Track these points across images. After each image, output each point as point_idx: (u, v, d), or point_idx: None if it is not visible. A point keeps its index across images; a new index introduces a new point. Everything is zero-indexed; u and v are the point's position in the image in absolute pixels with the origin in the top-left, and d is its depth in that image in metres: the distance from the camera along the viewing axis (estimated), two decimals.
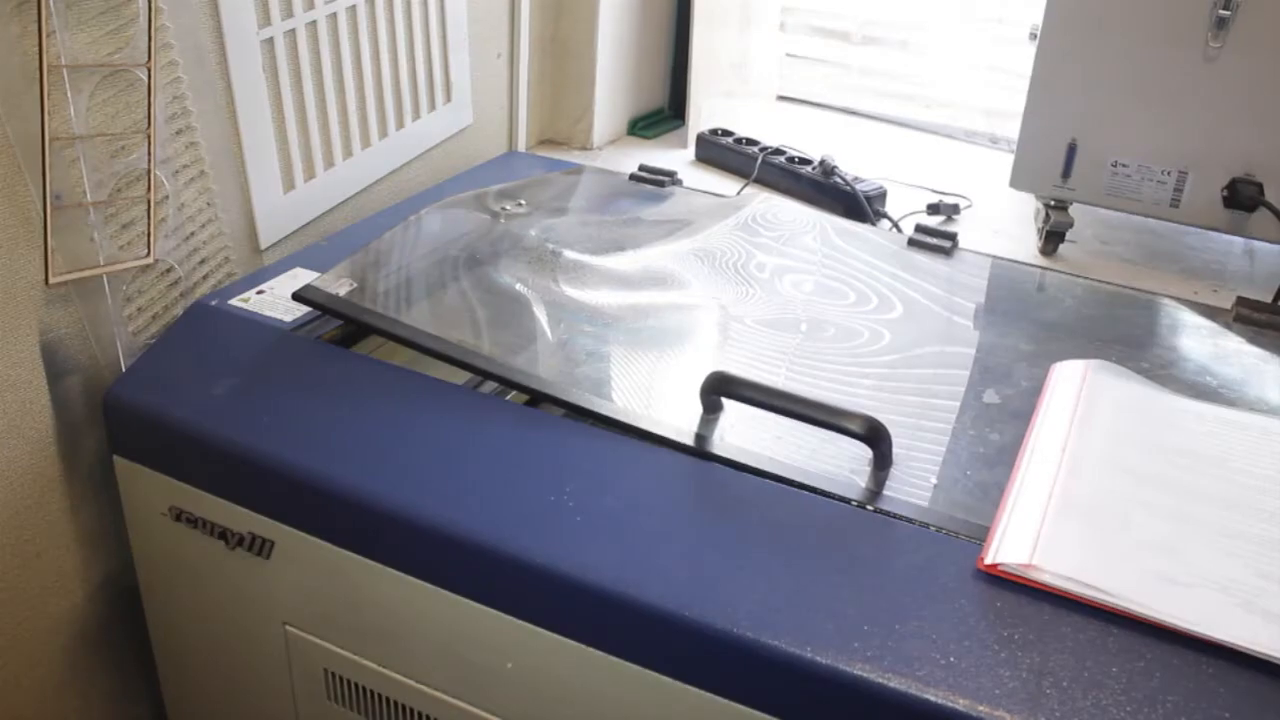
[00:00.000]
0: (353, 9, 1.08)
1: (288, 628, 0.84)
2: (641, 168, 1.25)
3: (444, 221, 1.09)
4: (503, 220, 1.10)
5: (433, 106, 1.24)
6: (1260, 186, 1.14)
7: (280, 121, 1.03)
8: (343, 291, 0.93)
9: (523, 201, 1.14)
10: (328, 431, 0.80)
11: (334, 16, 1.06)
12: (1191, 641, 0.64)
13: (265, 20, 0.99)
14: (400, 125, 1.19)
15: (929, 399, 0.87)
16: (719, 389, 0.78)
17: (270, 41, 1.00)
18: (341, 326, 0.94)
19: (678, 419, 0.81)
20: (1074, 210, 1.25)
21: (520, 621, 0.72)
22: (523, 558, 0.70)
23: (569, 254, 1.04)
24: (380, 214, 1.13)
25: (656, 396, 0.85)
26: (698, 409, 0.81)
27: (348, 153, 1.12)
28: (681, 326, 0.95)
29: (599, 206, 1.17)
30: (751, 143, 1.39)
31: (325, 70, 1.07)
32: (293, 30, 1.02)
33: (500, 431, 0.81)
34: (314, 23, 1.04)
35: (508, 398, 0.92)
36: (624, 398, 0.84)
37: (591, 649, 0.70)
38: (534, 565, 0.70)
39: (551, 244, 1.06)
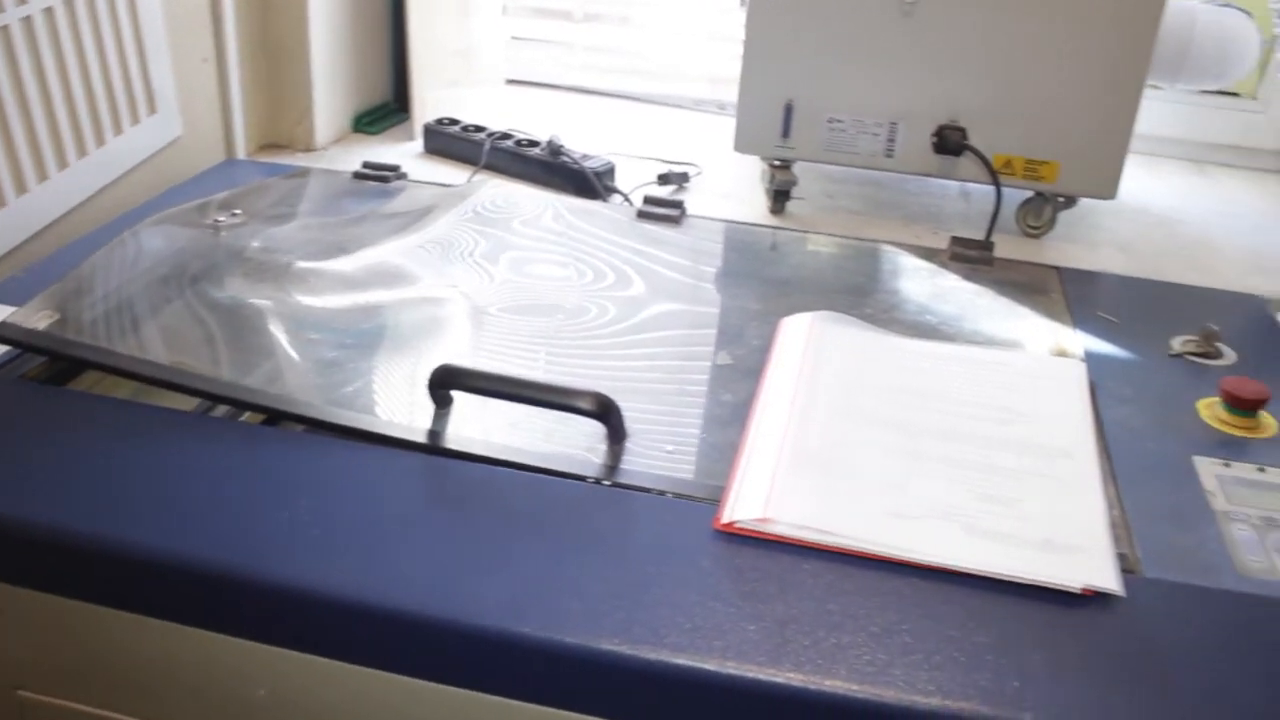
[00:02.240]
0: (28, 20, 1.01)
1: (21, 693, 0.78)
2: (365, 164, 1.22)
3: (154, 239, 1.04)
4: (222, 232, 1.05)
5: (136, 119, 1.17)
6: (964, 131, 1.20)
7: None
8: (43, 325, 0.87)
9: (238, 211, 1.09)
10: (38, 476, 0.75)
11: (6, 29, 0.99)
12: (924, 570, 0.67)
13: None
14: (101, 142, 1.13)
15: (665, 366, 0.88)
16: (445, 382, 0.77)
17: None
18: (48, 363, 0.87)
19: (415, 418, 0.79)
20: (799, 168, 1.29)
21: (267, 646, 0.69)
22: (259, 579, 0.67)
23: (293, 261, 1.01)
24: (85, 238, 1.06)
25: (396, 397, 0.83)
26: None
27: (42, 176, 1.05)
28: (419, 323, 0.93)
29: (323, 209, 1.14)
30: (479, 129, 1.37)
31: (3, 89, 0.99)
32: None
33: (231, 455, 0.77)
34: None
35: (243, 418, 0.88)
36: (361, 403, 0.81)
37: (342, 663, 0.68)
38: (272, 585, 0.67)
39: (274, 252, 1.02)
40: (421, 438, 0.77)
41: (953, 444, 0.77)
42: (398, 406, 0.81)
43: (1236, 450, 0.82)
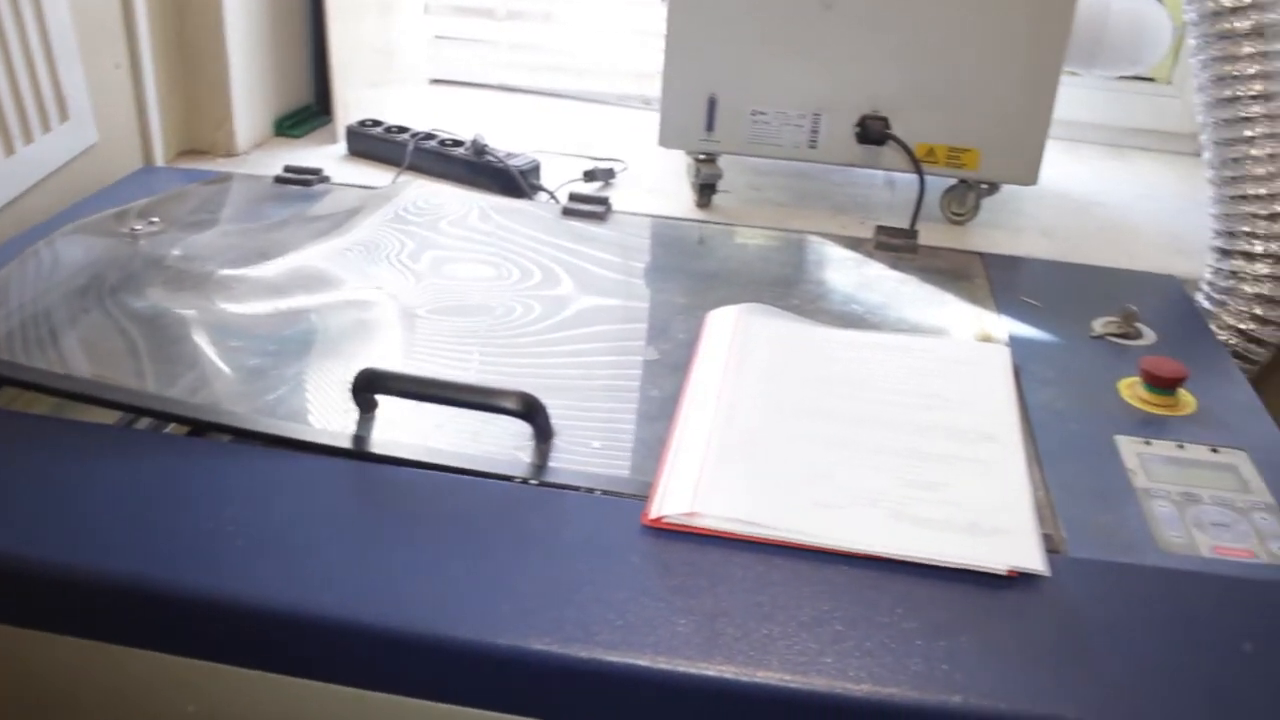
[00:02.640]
0: None
1: None
2: (287, 168, 1.21)
3: (70, 249, 1.01)
4: (141, 241, 1.04)
5: (47, 127, 1.15)
6: (886, 121, 1.21)
7: None
8: None
9: (156, 219, 1.07)
10: None
11: None
12: (853, 559, 0.67)
13: None
14: (10, 151, 1.10)
15: (593, 363, 0.88)
16: (369, 386, 0.76)
17: None
18: None
19: (341, 423, 0.78)
20: (726, 161, 1.29)
21: (194, 660, 0.68)
22: (183, 593, 0.66)
23: (214, 268, 0.99)
24: None
25: (322, 403, 0.82)
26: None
27: None
28: (344, 327, 0.92)
29: (244, 215, 1.12)
30: (402, 130, 1.36)
31: None
32: None
33: (155, 468, 0.75)
34: None
35: (168, 429, 0.86)
36: (286, 410, 0.80)
37: (273, 675, 0.67)
38: (196, 598, 0.66)
39: (194, 260, 1.00)
40: (347, 443, 0.76)
41: (879, 431, 0.78)
42: (324, 412, 0.80)
43: (1157, 428, 0.83)
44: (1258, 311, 1.10)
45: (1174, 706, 0.60)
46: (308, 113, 1.51)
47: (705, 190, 1.27)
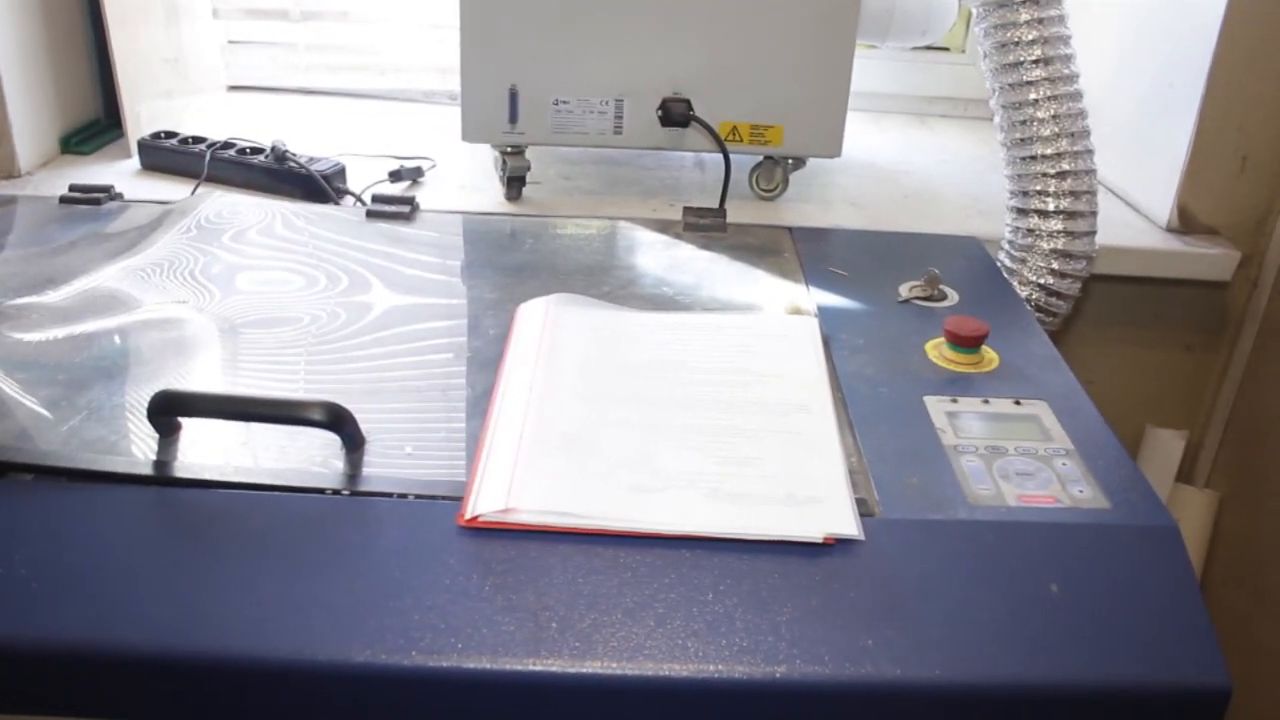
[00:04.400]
0: None
1: None
2: (73, 187, 1.15)
3: None
4: None
5: None
6: (688, 103, 1.22)
7: None
8: None
9: None
10: None
11: None
12: (673, 541, 0.67)
13: None
14: None
15: (403, 365, 0.86)
16: (166, 409, 0.73)
17: None
18: None
19: (144, 449, 0.75)
20: (535, 153, 1.28)
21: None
22: None
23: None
24: None
25: (124, 430, 0.78)
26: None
27: None
28: (144, 349, 0.88)
29: (26, 240, 1.06)
30: (199, 141, 1.31)
31: None
32: None
33: None
34: None
35: None
36: (85, 441, 0.76)
37: None
38: None
39: None
40: (149, 470, 0.73)
41: (694, 412, 0.78)
42: (128, 439, 0.76)
43: (963, 386, 0.86)
44: (1055, 266, 1.15)
45: (987, 653, 0.62)
46: (97, 127, 1.44)
47: (514, 183, 1.26)
